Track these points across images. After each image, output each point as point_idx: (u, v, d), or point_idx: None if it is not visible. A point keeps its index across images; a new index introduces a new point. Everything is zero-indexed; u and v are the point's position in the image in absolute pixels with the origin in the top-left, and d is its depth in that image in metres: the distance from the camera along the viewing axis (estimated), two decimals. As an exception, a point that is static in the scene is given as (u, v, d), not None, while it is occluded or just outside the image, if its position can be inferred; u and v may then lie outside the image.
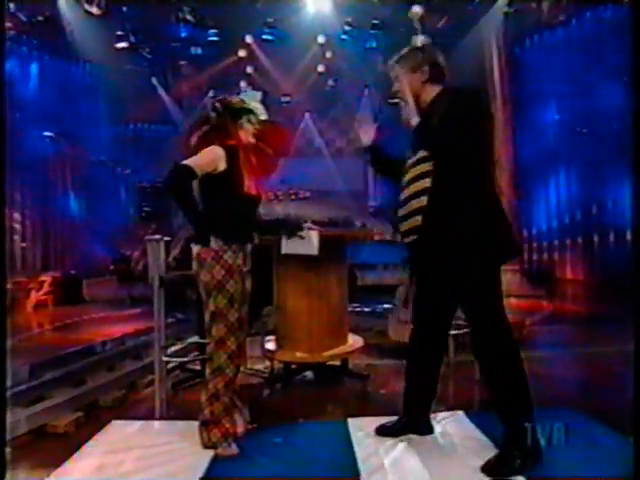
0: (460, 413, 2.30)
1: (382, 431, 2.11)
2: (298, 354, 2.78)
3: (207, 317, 2.02)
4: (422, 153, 1.85)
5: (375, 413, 2.38)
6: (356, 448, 1.97)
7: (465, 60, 8.25)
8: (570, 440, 1.97)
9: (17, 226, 8.68)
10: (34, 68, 9.20)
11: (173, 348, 3.27)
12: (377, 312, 5.05)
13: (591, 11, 7.74)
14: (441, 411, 2.29)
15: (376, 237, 11.49)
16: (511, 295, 6.89)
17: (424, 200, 1.80)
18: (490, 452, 1.84)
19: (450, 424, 2.18)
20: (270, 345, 2.94)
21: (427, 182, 1.80)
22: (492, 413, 1.85)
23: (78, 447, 2.01)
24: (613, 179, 7.81)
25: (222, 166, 1.96)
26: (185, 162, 1.91)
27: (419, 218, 1.81)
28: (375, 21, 10.07)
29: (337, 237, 2.84)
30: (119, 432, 2.16)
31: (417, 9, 7.38)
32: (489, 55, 8.09)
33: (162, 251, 2.51)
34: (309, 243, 2.39)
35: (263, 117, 2.14)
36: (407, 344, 3.16)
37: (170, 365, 2.85)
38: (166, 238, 2.59)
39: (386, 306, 4.63)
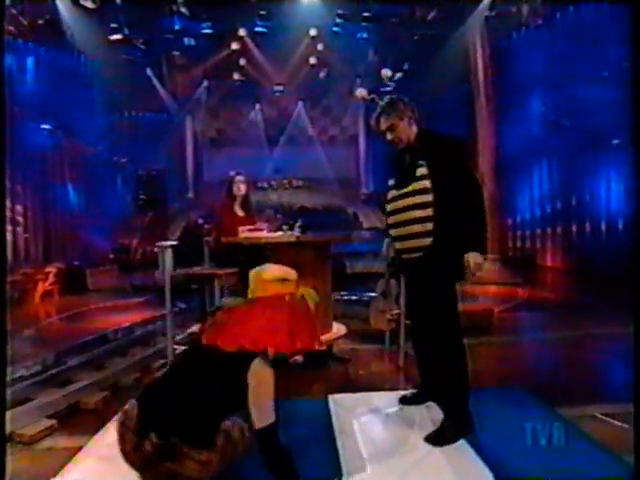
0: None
1: (405, 401, 2.58)
2: (289, 341, 3.21)
3: None
4: (419, 184, 2.22)
5: (354, 391, 2.83)
6: (334, 419, 2.41)
7: (452, 59, 8.59)
8: (510, 416, 2.41)
9: (19, 218, 8.95)
10: (30, 61, 9.30)
11: (178, 337, 3.70)
12: (363, 300, 5.41)
13: (573, 9, 8.04)
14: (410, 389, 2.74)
15: (365, 225, 11.88)
16: (490, 283, 7.36)
17: (429, 226, 2.19)
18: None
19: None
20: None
21: (429, 211, 2.20)
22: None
23: (107, 420, 2.44)
24: (591, 171, 8.19)
25: None
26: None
27: (428, 240, 2.19)
28: (366, 13, 10.28)
29: (323, 242, 3.24)
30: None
31: (361, 91, 7.72)
32: (474, 54, 8.40)
33: (171, 255, 2.92)
34: None
35: None
36: (384, 331, 3.63)
37: (177, 351, 3.29)
38: (174, 243, 3.00)
39: (372, 294, 5.04)
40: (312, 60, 11.35)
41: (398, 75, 10.69)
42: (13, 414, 2.28)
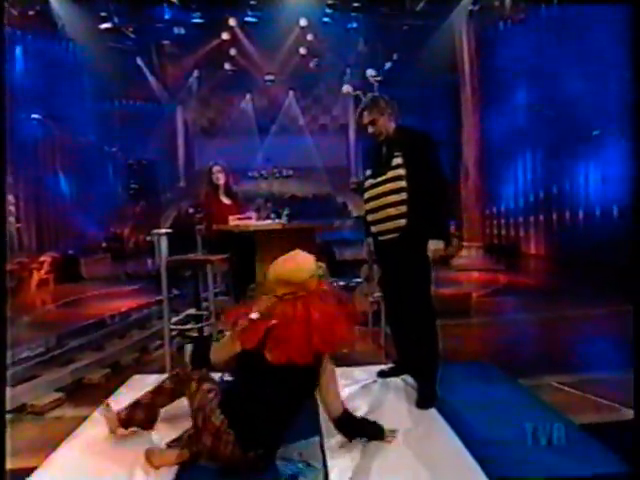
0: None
1: (383, 374, 2.81)
2: (276, 322, 3.44)
3: None
4: (394, 172, 2.46)
5: (338, 367, 3.06)
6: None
7: (439, 49, 8.74)
8: (476, 386, 2.66)
9: (12, 208, 9.02)
10: (19, 50, 9.25)
11: (173, 319, 3.90)
12: (350, 286, 5.63)
13: (557, 5, 8.22)
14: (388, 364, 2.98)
15: (354, 214, 12.08)
16: (474, 269, 7.64)
17: (403, 208, 2.42)
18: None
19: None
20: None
21: (403, 195, 2.43)
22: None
23: (110, 393, 2.66)
24: (573, 161, 8.44)
25: None
26: None
27: (402, 221, 2.43)
28: (356, 4, 10.37)
29: (308, 229, 3.44)
30: (140, 383, 2.80)
31: (347, 87, 7.92)
32: (460, 45, 8.58)
33: (166, 242, 3.11)
34: None
35: None
36: (367, 313, 3.85)
37: (173, 333, 3.50)
38: (168, 230, 3.19)
39: (359, 280, 5.27)
40: (302, 50, 11.44)
41: (388, 64, 10.86)
42: (24, 388, 2.50)
